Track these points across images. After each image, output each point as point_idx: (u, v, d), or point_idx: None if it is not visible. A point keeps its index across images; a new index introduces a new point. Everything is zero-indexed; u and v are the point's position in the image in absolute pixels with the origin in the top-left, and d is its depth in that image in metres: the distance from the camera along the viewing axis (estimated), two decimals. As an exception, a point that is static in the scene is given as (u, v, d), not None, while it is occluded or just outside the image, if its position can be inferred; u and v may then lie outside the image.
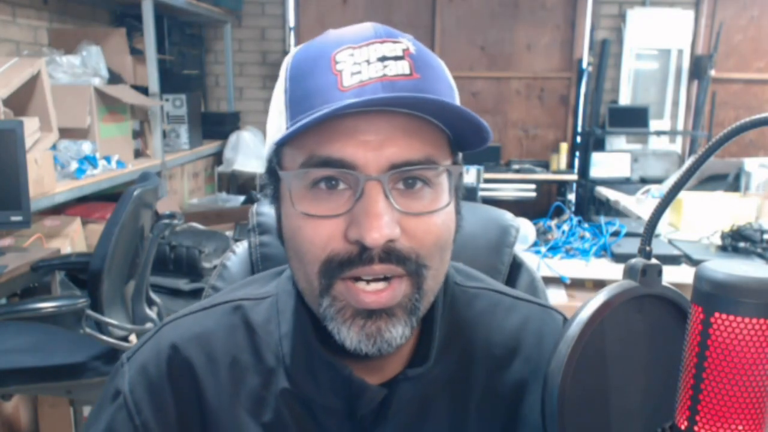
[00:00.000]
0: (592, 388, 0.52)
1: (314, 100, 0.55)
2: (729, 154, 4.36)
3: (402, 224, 0.55)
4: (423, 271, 0.56)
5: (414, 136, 0.55)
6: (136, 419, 0.61)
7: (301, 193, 0.56)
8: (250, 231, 0.93)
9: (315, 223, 0.55)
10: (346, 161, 0.54)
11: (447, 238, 0.58)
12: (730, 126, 0.46)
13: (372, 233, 0.52)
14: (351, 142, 0.54)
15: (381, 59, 0.55)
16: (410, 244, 0.55)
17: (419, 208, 0.56)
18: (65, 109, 2.63)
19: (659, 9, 4.69)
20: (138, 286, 2.08)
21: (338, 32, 0.59)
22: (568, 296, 2.29)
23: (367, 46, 0.56)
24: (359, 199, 0.54)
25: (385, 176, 0.54)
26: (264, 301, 0.67)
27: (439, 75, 0.59)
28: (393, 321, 0.56)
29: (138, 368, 0.63)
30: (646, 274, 0.52)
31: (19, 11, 3.06)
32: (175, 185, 3.83)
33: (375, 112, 0.54)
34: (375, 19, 3.04)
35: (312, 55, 0.58)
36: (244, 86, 4.90)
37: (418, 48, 0.58)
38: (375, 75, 0.54)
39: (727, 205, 2.74)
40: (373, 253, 0.54)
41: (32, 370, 1.80)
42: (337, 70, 0.55)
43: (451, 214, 0.59)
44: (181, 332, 0.65)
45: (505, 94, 4.95)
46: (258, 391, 0.62)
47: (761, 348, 0.42)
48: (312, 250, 0.55)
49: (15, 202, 1.98)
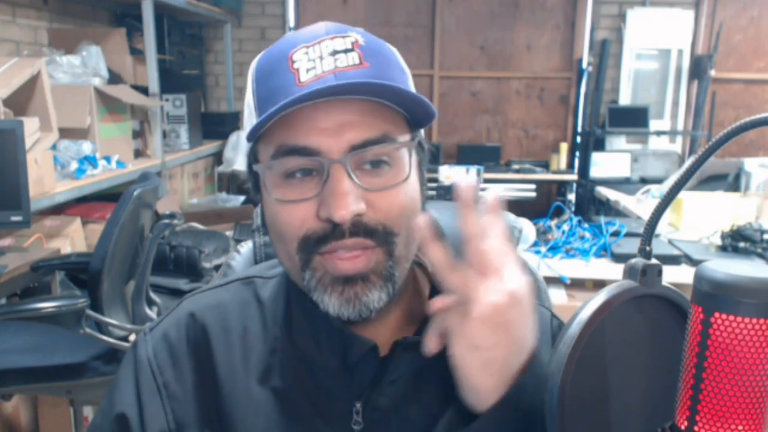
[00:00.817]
0: (592, 388, 0.53)
1: (277, 97, 0.59)
2: (729, 154, 4.36)
3: (368, 200, 0.60)
4: (392, 239, 0.61)
5: (369, 118, 0.60)
6: (159, 379, 0.68)
7: (275, 182, 0.62)
8: (255, 231, 0.94)
9: (290, 208, 0.61)
10: (310, 148, 0.59)
11: (412, 207, 0.63)
12: (730, 126, 0.46)
13: (339, 210, 0.58)
14: (313, 130, 0.59)
15: (332, 53, 0.60)
16: (377, 217, 0.61)
17: (381, 183, 0.61)
18: (65, 109, 2.63)
19: (659, 9, 4.69)
20: (138, 286, 2.08)
21: (294, 33, 0.64)
22: (568, 296, 2.29)
23: (319, 43, 0.61)
24: (326, 182, 0.59)
25: (347, 158, 0.59)
26: (272, 280, 0.74)
27: (390, 61, 0.64)
28: (369, 286, 0.61)
29: (160, 336, 0.70)
30: (646, 274, 0.52)
31: (19, 11, 3.06)
32: (175, 185, 3.83)
33: (332, 101, 0.59)
34: (375, 20, 3.06)
35: (272, 57, 0.63)
36: (244, 86, 4.84)
37: (368, 39, 0.63)
38: (327, 68, 0.59)
39: (727, 205, 2.74)
40: (343, 227, 0.59)
41: (32, 370, 1.80)
42: (294, 68, 0.60)
43: (415, 185, 0.64)
44: (199, 304, 0.72)
45: (505, 94, 4.95)
46: (266, 357, 0.68)
47: (761, 348, 0.42)
48: (289, 230, 0.61)
49: (15, 202, 1.98)
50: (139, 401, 0.68)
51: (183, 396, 0.67)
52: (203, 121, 4.25)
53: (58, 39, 3.24)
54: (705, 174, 3.46)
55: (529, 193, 4.62)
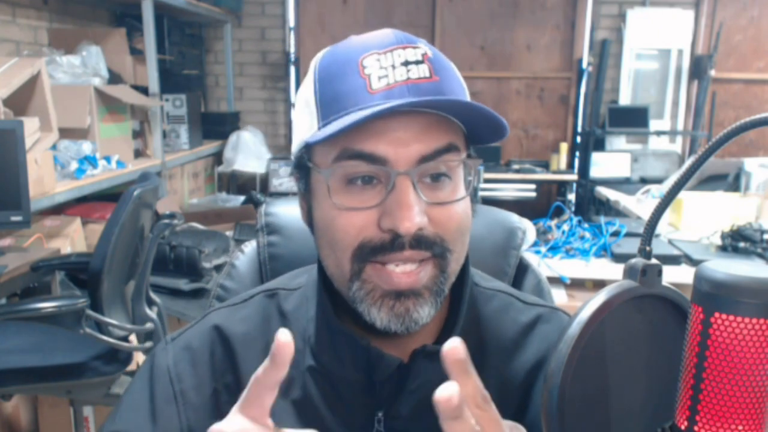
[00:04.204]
0: (592, 388, 0.52)
1: (345, 101, 0.60)
2: (729, 154, 4.36)
3: (428, 213, 0.60)
4: (447, 254, 0.62)
5: (436, 131, 0.60)
6: (176, 386, 0.68)
7: (338, 187, 0.61)
8: (259, 231, 0.95)
9: (349, 214, 0.60)
10: (378, 156, 0.59)
11: (467, 224, 0.64)
12: (730, 126, 0.46)
13: (405, 222, 0.58)
14: (383, 139, 0.59)
15: (404, 63, 0.61)
16: (436, 231, 0.61)
17: (443, 197, 0.61)
18: (65, 109, 2.62)
19: (659, 9, 4.69)
20: (138, 286, 2.08)
21: (362, 38, 0.64)
22: (568, 296, 2.29)
23: (391, 51, 0.61)
24: (391, 192, 0.59)
25: (414, 171, 0.59)
26: (295, 291, 0.74)
27: (453, 75, 0.65)
28: (420, 301, 0.61)
29: (183, 346, 0.71)
30: (646, 274, 0.52)
31: (19, 11, 3.05)
32: (175, 185, 3.83)
33: (402, 112, 0.59)
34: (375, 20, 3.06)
35: (339, 59, 0.63)
36: (244, 86, 4.90)
37: (434, 52, 0.64)
38: (400, 78, 0.60)
39: (727, 205, 2.74)
40: (404, 240, 0.59)
41: (32, 370, 1.80)
42: (365, 74, 0.60)
43: (468, 204, 0.65)
44: (224, 318, 0.73)
45: (505, 94, 4.95)
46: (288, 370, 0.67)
47: (761, 348, 0.42)
48: (346, 238, 0.61)
49: (15, 202, 1.98)
50: (154, 409, 0.67)
51: (201, 405, 0.68)
52: (203, 121, 4.25)
53: (58, 39, 3.24)
54: (705, 174, 3.46)
55: (529, 193, 4.63)
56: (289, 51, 4.82)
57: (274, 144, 4.88)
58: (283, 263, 0.91)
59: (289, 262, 0.89)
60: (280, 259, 0.92)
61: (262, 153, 4.45)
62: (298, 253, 0.91)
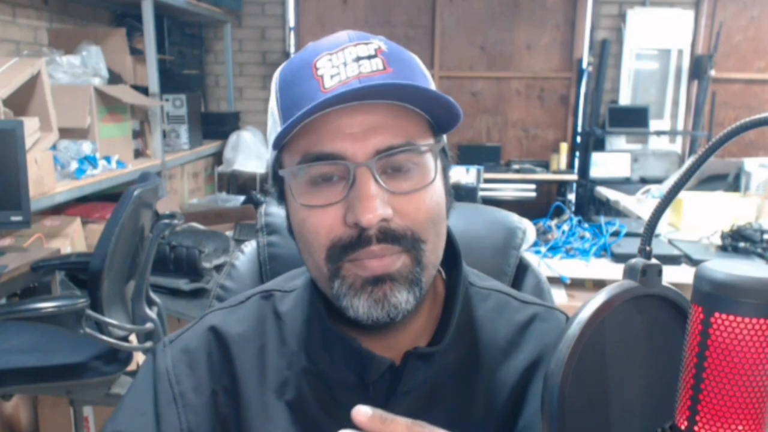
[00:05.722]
0: (592, 388, 0.52)
1: (301, 104, 0.59)
2: (729, 154, 4.36)
3: (394, 205, 0.60)
4: (420, 245, 0.61)
5: (394, 123, 0.60)
6: (176, 388, 0.68)
7: (302, 188, 0.62)
8: (258, 231, 0.95)
9: (317, 213, 0.61)
10: (336, 154, 0.59)
11: (438, 212, 0.63)
12: (730, 126, 0.46)
13: (366, 214, 0.57)
14: (338, 136, 0.59)
15: (356, 60, 0.61)
16: (404, 223, 0.60)
17: (407, 187, 0.61)
18: (65, 109, 2.63)
19: (659, 9, 4.69)
20: (138, 286, 2.08)
21: (317, 43, 0.65)
22: (568, 296, 2.29)
23: (342, 50, 0.61)
24: (352, 186, 0.59)
25: (372, 162, 0.59)
26: (291, 293, 0.74)
27: (412, 66, 0.65)
28: (397, 286, 0.61)
29: (181, 348, 0.71)
30: (646, 274, 0.52)
31: (19, 11, 3.06)
32: (175, 185, 3.83)
33: (356, 107, 0.59)
34: (375, 20, 3.06)
35: (295, 66, 0.64)
36: (244, 86, 4.90)
37: (390, 46, 0.64)
38: (352, 74, 0.60)
39: (727, 205, 2.74)
40: (370, 233, 0.59)
41: (32, 370, 1.80)
42: (318, 75, 0.60)
43: (440, 190, 0.64)
44: (220, 319, 0.73)
45: (505, 94, 4.95)
46: (282, 371, 0.69)
47: (761, 348, 0.42)
48: (317, 238, 0.61)
49: (15, 202, 1.98)
50: (156, 411, 0.68)
51: (200, 406, 0.68)
52: (203, 121, 4.25)
53: (58, 39, 3.24)
54: (705, 174, 3.46)
55: (529, 193, 4.63)
56: (289, 51, 4.82)
57: (274, 144, 4.88)
58: (282, 263, 0.91)
59: (288, 263, 0.89)
60: (280, 259, 0.92)
61: (262, 153, 4.45)
62: (297, 253, 0.90)
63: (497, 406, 0.69)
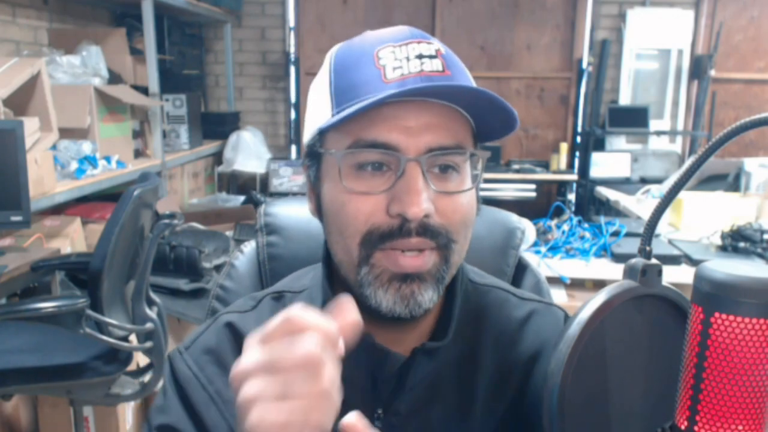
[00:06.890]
0: (592, 387, 0.52)
1: (359, 90, 0.61)
2: (729, 154, 4.36)
3: (435, 203, 0.61)
4: (451, 245, 0.63)
5: (446, 124, 0.62)
6: (210, 389, 0.68)
7: (348, 172, 0.62)
8: (258, 231, 0.95)
9: (359, 199, 0.62)
10: (390, 144, 0.60)
11: (471, 217, 0.66)
12: (730, 126, 0.46)
13: (413, 207, 0.59)
14: (394, 128, 0.60)
15: (419, 56, 0.63)
16: (441, 221, 0.62)
17: (450, 188, 0.63)
18: (65, 109, 2.62)
19: (659, 9, 4.69)
20: (138, 286, 2.08)
21: (378, 32, 0.66)
22: (568, 296, 2.29)
23: (406, 44, 0.63)
24: (400, 178, 0.60)
25: (423, 158, 0.60)
26: (301, 293, 0.75)
27: (464, 73, 0.68)
28: (425, 285, 0.62)
29: (202, 349, 0.71)
30: (646, 274, 0.52)
31: (19, 11, 3.05)
32: (175, 185, 3.83)
33: (414, 102, 0.60)
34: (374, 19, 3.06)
35: (355, 51, 0.65)
36: (244, 86, 4.90)
37: (446, 49, 0.67)
38: (414, 70, 0.61)
39: (727, 205, 2.74)
40: (411, 226, 0.60)
41: (32, 370, 1.80)
42: (380, 65, 0.62)
43: (474, 197, 0.67)
44: (234, 316, 0.73)
45: (505, 94, 4.95)
46: None
47: (761, 348, 0.42)
48: (354, 223, 0.62)
49: (15, 202, 1.98)
50: (193, 416, 0.67)
51: None
52: (203, 121, 4.25)
53: (58, 39, 3.24)
54: (705, 174, 3.46)
55: (529, 193, 4.63)
56: (289, 51, 4.82)
57: (274, 144, 4.88)
58: (282, 263, 0.91)
59: (288, 263, 0.89)
60: (280, 259, 0.92)
61: (262, 153, 4.45)
62: (297, 253, 0.91)
63: (497, 401, 0.70)
